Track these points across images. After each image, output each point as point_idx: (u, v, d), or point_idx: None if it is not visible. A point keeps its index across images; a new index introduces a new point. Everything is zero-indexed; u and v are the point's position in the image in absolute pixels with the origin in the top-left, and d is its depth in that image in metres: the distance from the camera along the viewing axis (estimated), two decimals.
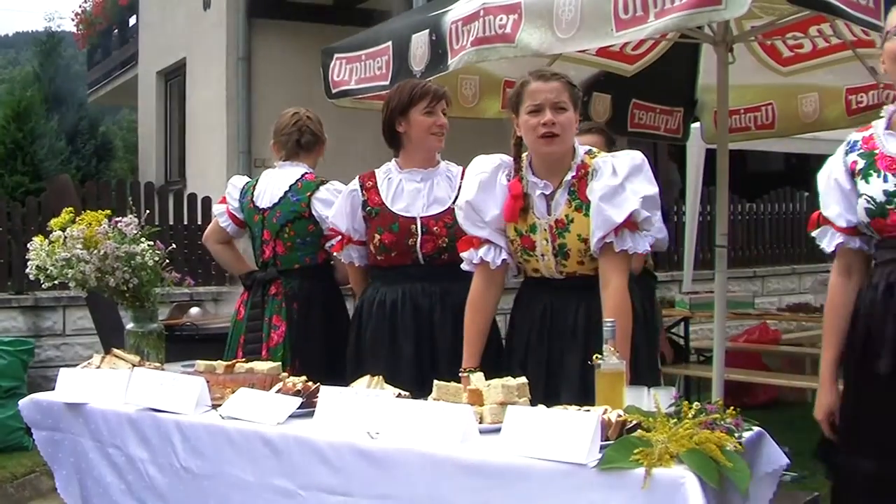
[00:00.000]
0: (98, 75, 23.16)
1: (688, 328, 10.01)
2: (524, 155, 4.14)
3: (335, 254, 4.99)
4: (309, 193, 5.16)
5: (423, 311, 4.60)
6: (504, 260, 4.18)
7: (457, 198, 4.48)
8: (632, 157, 3.98)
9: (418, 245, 4.59)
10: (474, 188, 4.16)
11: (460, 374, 4.06)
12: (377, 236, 4.67)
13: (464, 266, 4.28)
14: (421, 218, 4.61)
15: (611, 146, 5.45)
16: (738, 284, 12.81)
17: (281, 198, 5.21)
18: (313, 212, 5.14)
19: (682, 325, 9.94)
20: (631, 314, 3.92)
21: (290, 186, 5.21)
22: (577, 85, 4.11)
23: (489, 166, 4.18)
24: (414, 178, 4.69)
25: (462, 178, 4.58)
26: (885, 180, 3.50)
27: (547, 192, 4.05)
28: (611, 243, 3.91)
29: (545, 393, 3.87)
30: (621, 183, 3.91)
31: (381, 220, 4.67)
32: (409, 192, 4.67)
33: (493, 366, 4.15)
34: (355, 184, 4.81)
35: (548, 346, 4.11)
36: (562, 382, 4.01)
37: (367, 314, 4.74)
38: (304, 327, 5.16)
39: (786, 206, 14.87)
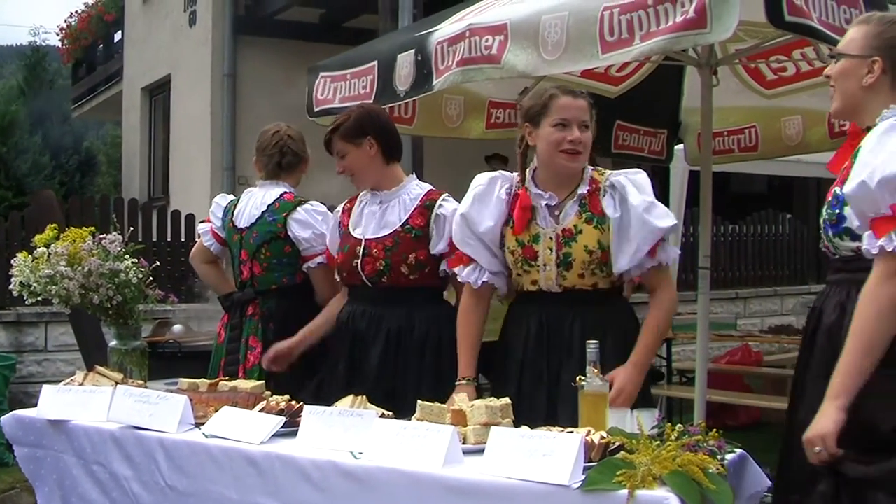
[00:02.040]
0: (83, 90, 23.15)
1: (670, 349, 10.02)
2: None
3: (308, 265, 5.07)
4: (285, 214, 5.12)
5: (360, 333, 4.63)
6: (485, 281, 4.21)
7: (405, 222, 4.57)
8: (645, 176, 4.07)
9: (359, 266, 4.60)
10: (469, 201, 4.20)
11: (457, 384, 4.13)
12: (336, 256, 4.78)
13: (459, 278, 4.31)
14: (365, 240, 4.62)
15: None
16: (721, 306, 12.85)
17: (258, 218, 5.17)
18: (289, 232, 5.10)
19: (665, 346, 9.95)
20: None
21: (268, 206, 5.17)
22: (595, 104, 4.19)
23: (485, 179, 4.22)
24: (375, 200, 4.72)
25: (421, 201, 4.62)
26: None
27: (552, 203, 4.08)
28: (656, 256, 4.00)
29: (546, 411, 3.89)
30: (652, 200, 4.00)
31: (340, 242, 4.76)
32: (367, 214, 4.71)
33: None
34: (342, 205, 4.88)
35: (546, 361, 4.07)
36: (560, 399, 3.99)
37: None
38: None
39: (769, 228, 14.93)
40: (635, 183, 4.03)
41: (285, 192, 5.23)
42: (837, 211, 3.32)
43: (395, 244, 4.54)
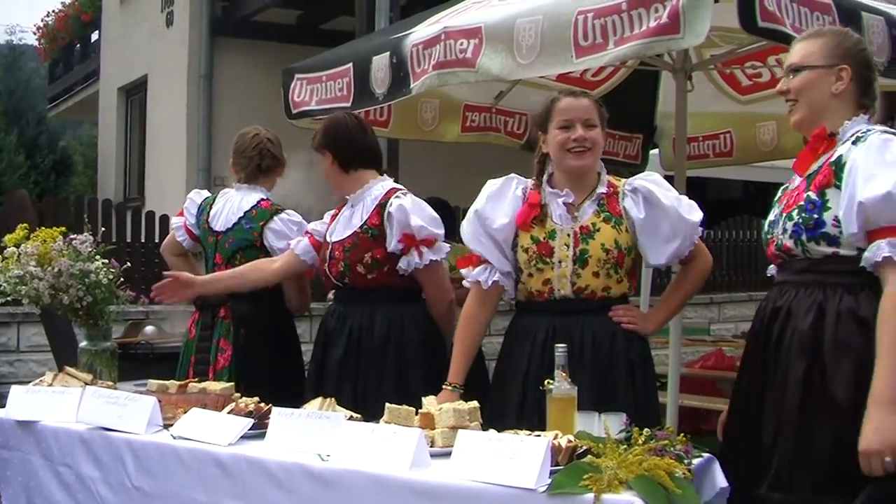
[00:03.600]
0: (59, 90, 23.09)
1: None
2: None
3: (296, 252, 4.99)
4: (262, 223, 5.16)
5: (329, 331, 4.73)
6: (495, 281, 4.15)
7: (364, 223, 4.62)
8: (660, 177, 4.14)
9: (328, 269, 4.70)
10: (483, 199, 4.16)
11: (443, 387, 4.11)
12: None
13: (465, 283, 4.28)
14: (332, 243, 4.71)
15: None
16: (695, 311, 12.85)
17: (235, 224, 5.21)
18: (265, 242, 5.14)
19: None
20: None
21: (245, 213, 5.21)
22: (602, 104, 4.16)
23: (500, 180, 4.21)
24: (349, 205, 4.78)
25: (380, 201, 4.65)
26: (773, 211, 3.60)
27: (569, 201, 4.05)
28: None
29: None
30: (679, 197, 4.05)
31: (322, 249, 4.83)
32: (341, 219, 4.78)
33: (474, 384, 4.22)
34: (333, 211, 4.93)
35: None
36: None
37: None
38: (250, 353, 5.11)
39: (743, 234, 14.95)
40: (660, 185, 4.05)
41: (262, 199, 5.26)
42: (815, 216, 3.35)
43: (354, 245, 4.61)
